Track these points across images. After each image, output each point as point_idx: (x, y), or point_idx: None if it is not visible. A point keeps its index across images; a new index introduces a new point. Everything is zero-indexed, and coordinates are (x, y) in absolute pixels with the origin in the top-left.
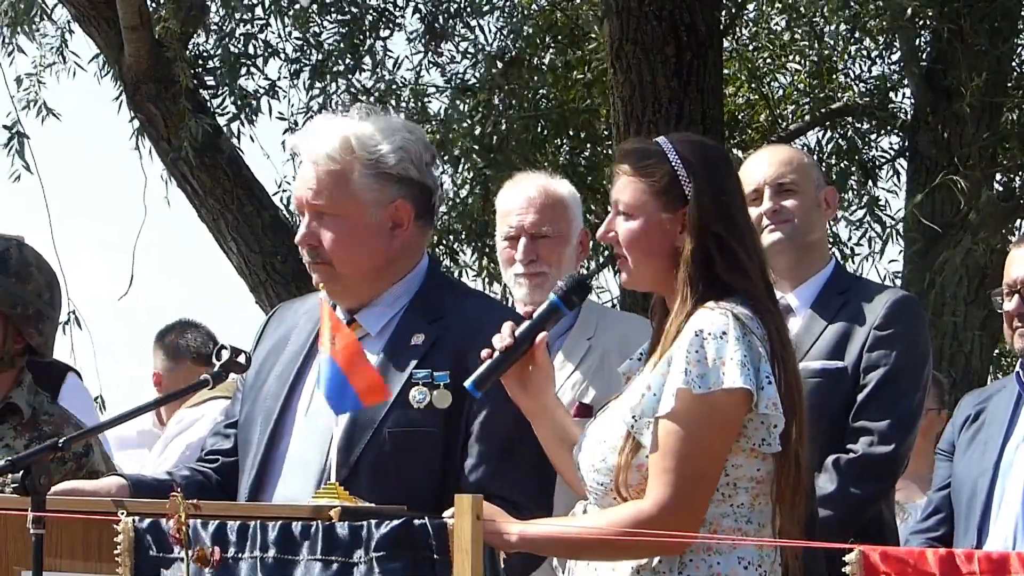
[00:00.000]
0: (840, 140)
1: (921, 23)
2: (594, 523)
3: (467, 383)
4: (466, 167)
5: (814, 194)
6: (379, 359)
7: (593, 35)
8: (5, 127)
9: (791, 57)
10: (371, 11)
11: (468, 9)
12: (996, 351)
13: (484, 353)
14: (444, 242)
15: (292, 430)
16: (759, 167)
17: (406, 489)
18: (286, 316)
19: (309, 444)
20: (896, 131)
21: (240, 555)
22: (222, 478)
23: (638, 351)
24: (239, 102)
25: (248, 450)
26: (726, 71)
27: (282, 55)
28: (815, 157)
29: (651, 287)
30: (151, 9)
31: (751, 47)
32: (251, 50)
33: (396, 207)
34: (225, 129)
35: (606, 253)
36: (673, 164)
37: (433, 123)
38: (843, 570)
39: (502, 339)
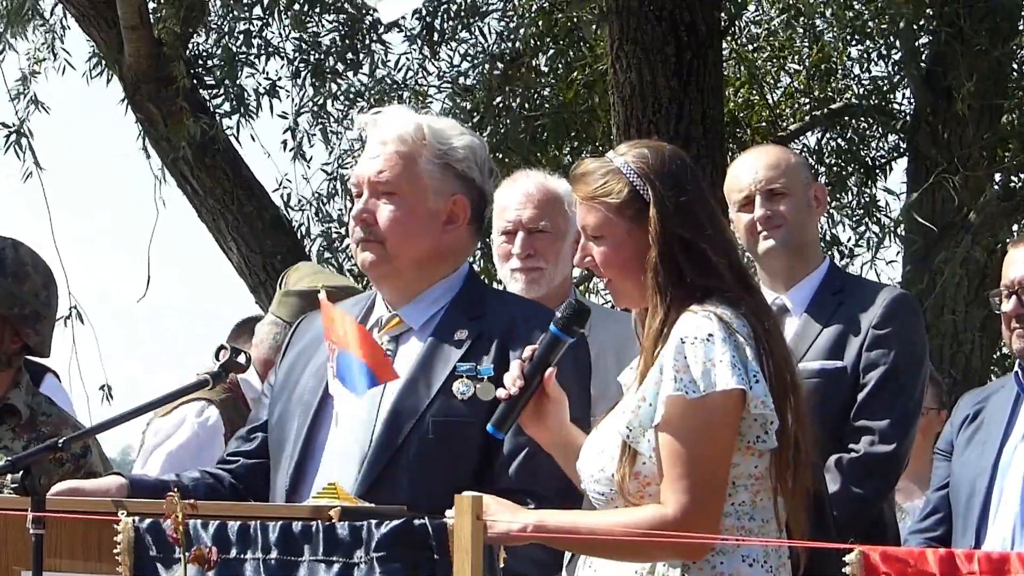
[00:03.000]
0: (840, 140)
1: (921, 24)
2: (614, 522)
3: (488, 426)
4: None
5: (804, 194)
6: (423, 351)
7: (593, 35)
8: (3, 125)
9: (791, 57)
10: (370, 11)
11: (467, 10)
12: (996, 351)
13: (501, 394)
14: None
15: (331, 422)
16: (748, 172)
17: (446, 479)
18: (315, 323)
19: (349, 433)
20: (896, 131)
21: (243, 556)
22: (238, 479)
23: (636, 359)
24: (238, 101)
25: (284, 446)
26: (726, 71)
27: (281, 55)
28: (815, 157)
29: (642, 302)
30: (151, 9)
31: (751, 47)
32: (250, 49)
33: (455, 201)
34: (225, 128)
35: None
36: (628, 176)
37: None
38: (843, 570)
39: (513, 378)
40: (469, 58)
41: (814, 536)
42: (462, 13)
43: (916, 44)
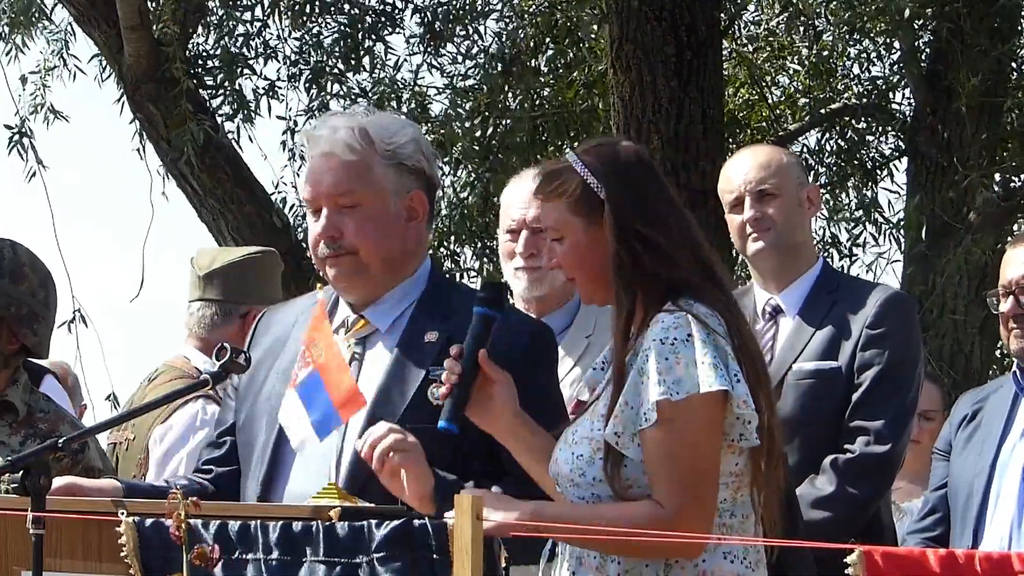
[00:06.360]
0: (840, 140)
1: (921, 23)
2: (611, 516)
3: (440, 424)
4: (466, 169)
5: (795, 194)
6: (394, 356)
7: (593, 36)
8: (7, 127)
9: (791, 57)
10: (370, 12)
11: (467, 10)
12: (996, 351)
13: (442, 392)
14: (444, 244)
15: None
16: (738, 173)
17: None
18: (276, 318)
19: (320, 443)
20: (896, 131)
21: (244, 556)
22: (218, 488)
23: (599, 360)
24: (238, 103)
25: (252, 450)
26: (726, 71)
27: (281, 56)
28: (815, 158)
29: (608, 300)
30: (151, 9)
31: (751, 47)
32: (250, 51)
33: (412, 197)
34: (224, 129)
35: None
36: (583, 174)
37: (433, 124)
38: (845, 571)
39: (449, 369)
40: (469, 58)
41: (785, 529)
42: (462, 13)
43: (916, 43)
